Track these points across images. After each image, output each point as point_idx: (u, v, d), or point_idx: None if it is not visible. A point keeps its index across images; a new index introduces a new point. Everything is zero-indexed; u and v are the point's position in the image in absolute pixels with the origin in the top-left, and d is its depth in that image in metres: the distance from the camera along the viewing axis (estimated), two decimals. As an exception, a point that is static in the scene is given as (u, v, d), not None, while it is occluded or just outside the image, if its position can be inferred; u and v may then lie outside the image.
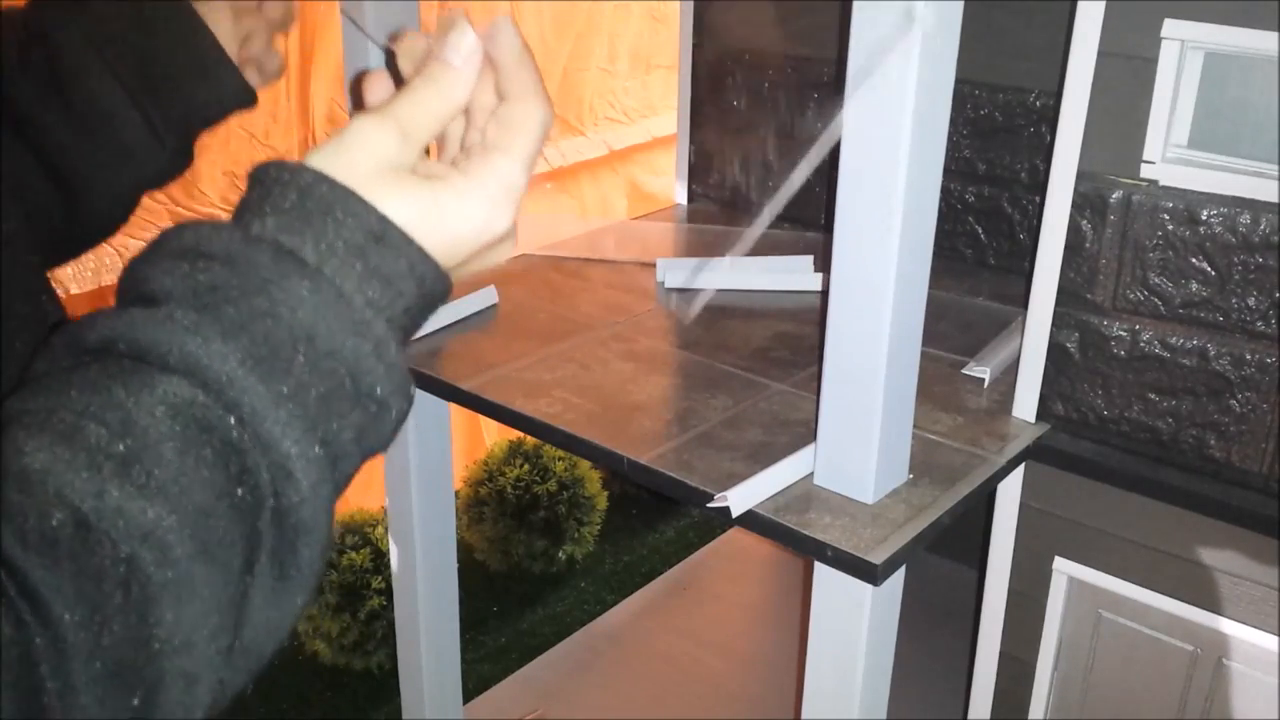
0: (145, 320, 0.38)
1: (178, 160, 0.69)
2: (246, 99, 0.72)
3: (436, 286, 0.43)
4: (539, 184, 2.04)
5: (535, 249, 1.23)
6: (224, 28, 0.69)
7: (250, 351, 0.38)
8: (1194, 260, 0.75)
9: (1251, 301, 0.74)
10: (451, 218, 0.43)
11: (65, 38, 0.62)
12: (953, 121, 0.66)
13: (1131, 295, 0.78)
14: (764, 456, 0.77)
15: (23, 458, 0.34)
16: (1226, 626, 0.78)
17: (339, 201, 0.41)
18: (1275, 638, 0.77)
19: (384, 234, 0.41)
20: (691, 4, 1.34)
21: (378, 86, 0.49)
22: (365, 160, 0.42)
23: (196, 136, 0.71)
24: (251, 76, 0.72)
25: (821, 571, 0.71)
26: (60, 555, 0.33)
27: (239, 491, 0.37)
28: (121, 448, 0.35)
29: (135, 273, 0.40)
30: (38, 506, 0.33)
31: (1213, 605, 0.79)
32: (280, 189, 0.41)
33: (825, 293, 0.70)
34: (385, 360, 0.41)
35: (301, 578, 0.40)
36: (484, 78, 0.45)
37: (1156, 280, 0.77)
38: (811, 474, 0.74)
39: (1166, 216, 0.75)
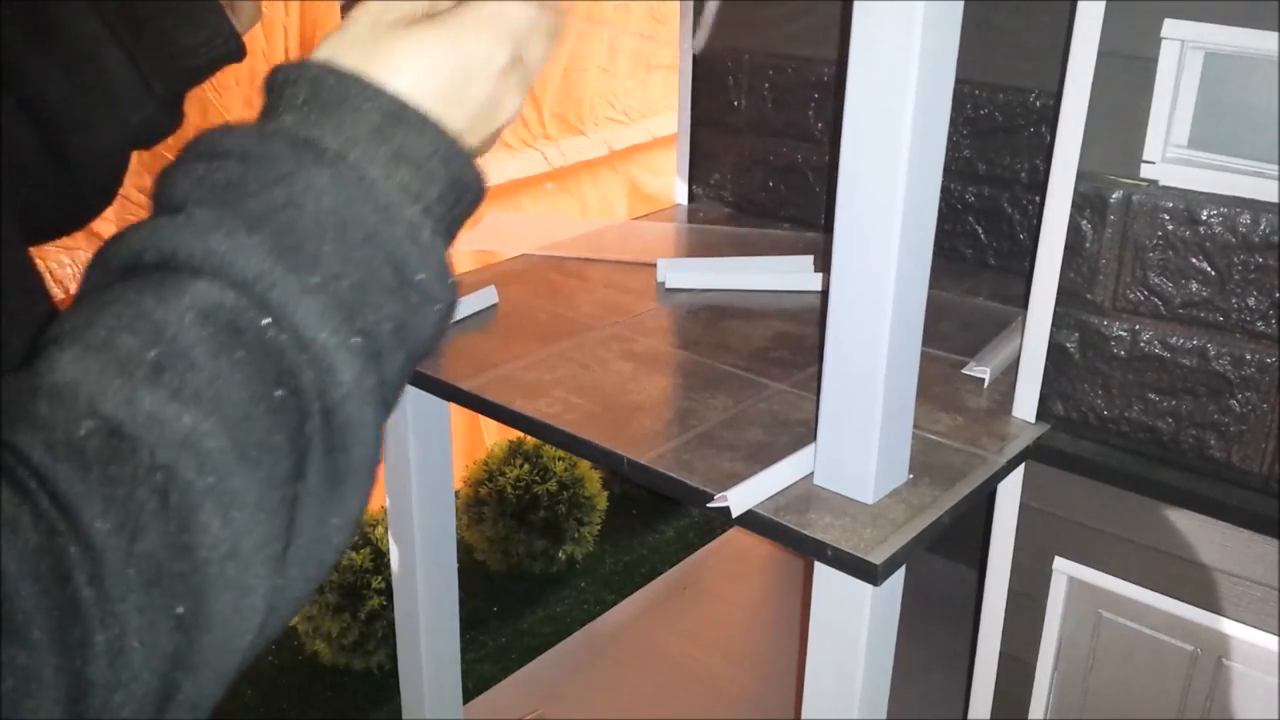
0: (166, 226, 0.37)
1: (166, 113, 0.68)
2: (234, 49, 0.71)
3: (465, 171, 0.42)
4: (539, 184, 2.04)
5: (535, 249, 1.23)
6: None
7: (275, 243, 0.37)
8: (1194, 260, 0.75)
9: (1251, 301, 0.74)
10: (449, 55, 0.42)
11: None
12: (953, 121, 0.67)
13: (1131, 295, 0.78)
14: (764, 456, 0.77)
15: (54, 372, 0.34)
16: (1226, 626, 0.78)
17: (350, 87, 0.40)
18: (1275, 638, 0.77)
19: (402, 114, 0.40)
20: (691, 4, 1.34)
21: None
22: (365, 21, 0.42)
23: (185, 89, 0.70)
24: (245, 12, 0.71)
25: (821, 571, 0.71)
26: (90, 463, 0.32)
27: (279, 393, 0.36)
28: (153, 355, 0.34)
29: (158, 183, 0.39)
30: (68, 416, 0.33)
31: (1213, 605, 0.79)
32: (291, 88, 0.40)
33: (825, 293, 0.70)
34: (420, 244, 0.40)
35: (355, 479, 0.39)
36: None
37: (1156, 280, 0.77)
38: (811, 474, 0.74)
39: (1166, 216, 0.75)
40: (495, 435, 1.88)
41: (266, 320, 0.36)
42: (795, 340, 0.99)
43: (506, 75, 0.44)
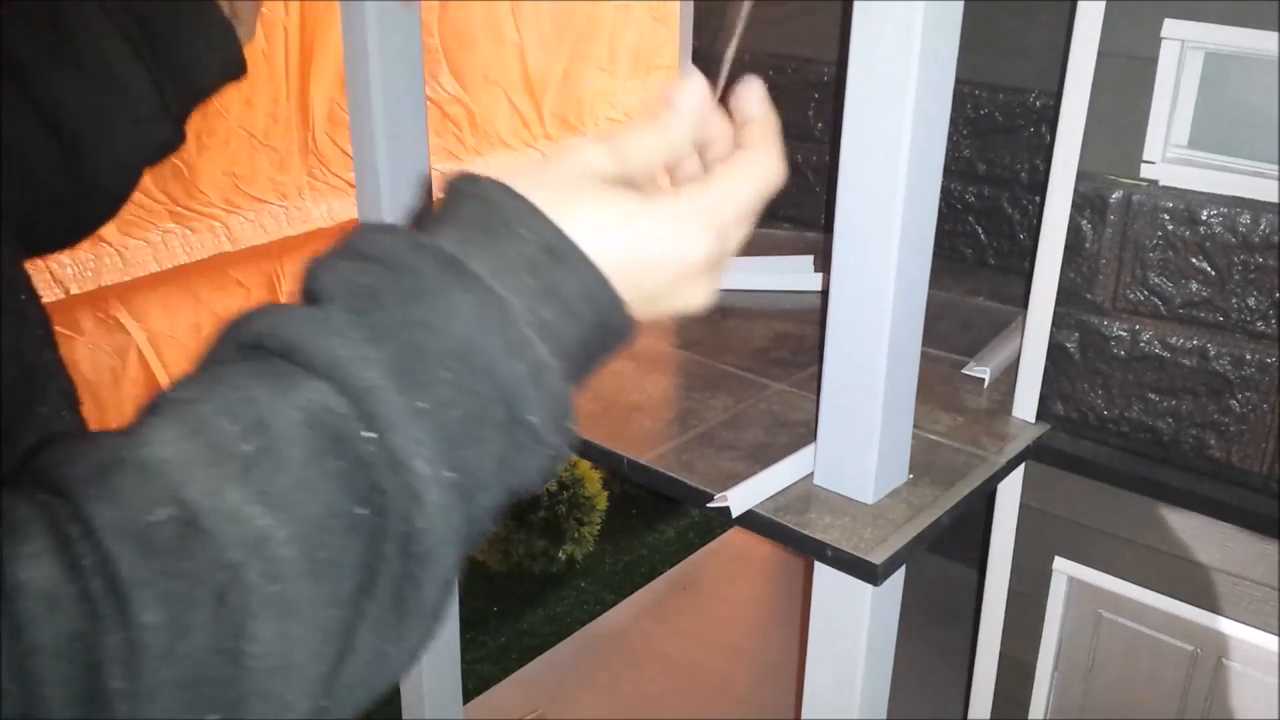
0: (298, 318, 0.36)
1: (178, 132, 0.68)
2: (241, 66, 0.72)
3: (615, 318, 0.41)
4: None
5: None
6: None
7: (396, 361, 0.36)
8: (1194, 260, 0.75)
9: (1251, 301, 0.74)
10: (642, 232, 0.41)
11: (76, 8, 0.61)
12: (953, 121, 0.67)
13: (1131, 295, 0.78)
14: (764, 456, 0.77)
15: (147, 447, 0.33)
16: (1226, 626, 0.78)
17: (518, 213, 0.39)
18: (1275, 638, 0.77)
19: (563, 252, 0.39)
20: (691, 4, 1.34)
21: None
22: (568, 169, 0.41)
23: (194, 107, 0.70)
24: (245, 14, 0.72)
25: (821, 571, 0.71)
26: (156, 551, 0.32)
27: (361, 511, 0.35)
28: (248, 448, 0.34)
29: (307, 271, 0.39)
30: (147, 497, 0.32)
31: (1213, 605, 0.79)
32: (460, 199, 0.40)
33: (825, 293, 0.69)
34: (543, 387, 0.38)
35: (421, 613, 0.37)
36: (723, 129, 0.45)
37: (1156, 280, 0.77)
38: (811, 474, 0.74)
39: (1166, 216, 0.75)
40: (495, 435, 1.88)
41: (369, 435, 0.35)
42: (795, 340, 0.99)
43: (697, 270, 0.43)
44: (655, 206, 0.41)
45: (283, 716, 0.34)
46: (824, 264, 0.94)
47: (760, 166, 0.44)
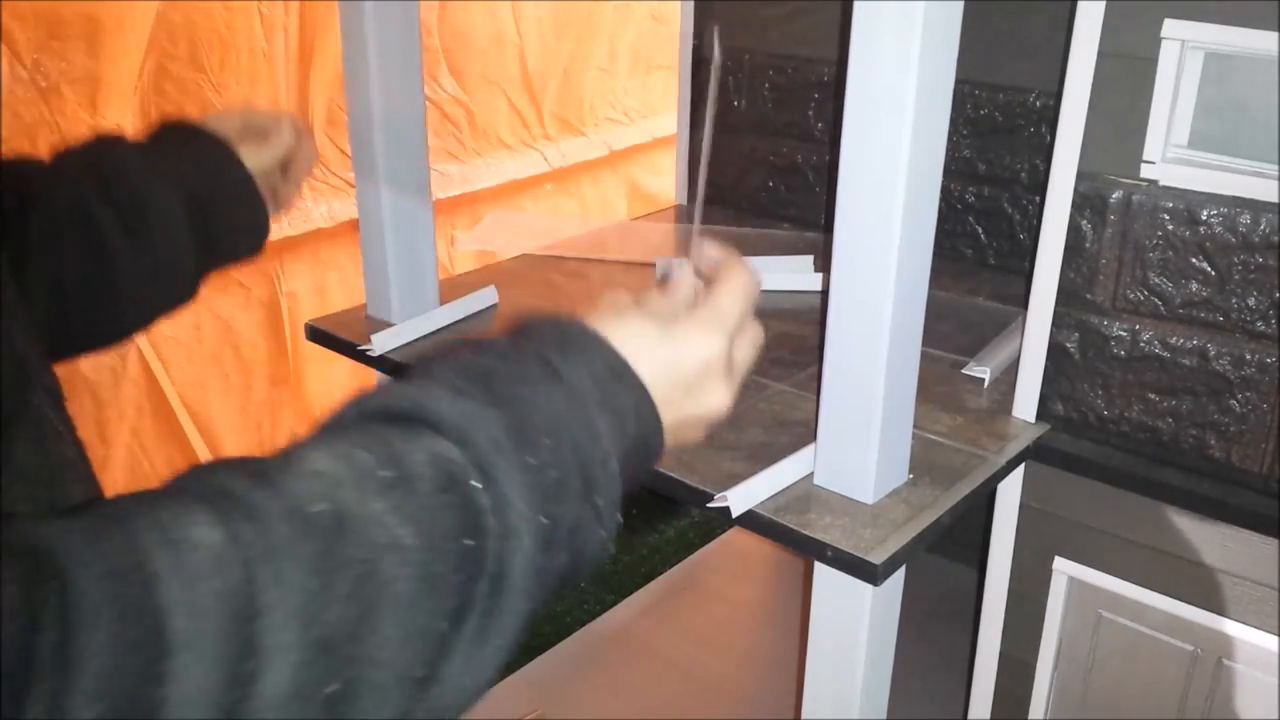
0: (425, 388, 0.45)
1: (196, 291, 0.78)
2: (264, 239, 0.82)
3: (653, 439, 0.51)
4: (539, 184, 2.04)
5: (535, 249, 1.23)
6: (251, 164, 0.78)
7: (509, 423, 0.44)
8: (1194, 260, 0.75)
9: (1251, 301, 0.74)
10: (673, 345, 0.52)
11: (148, 183, 0.71)
12: (953, 121, 0.67)
13: (1131, 295, 0.78)
14: (764, 456, 0.77)
15: (306, 462, 0.40)
16: (1227, 626, 0.78)
17: (588, 339, 0.50)
18: (1275, 638, 0.77)
19: (621, 372, 0.50)
20: (692, 4, 1.34)
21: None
22: (621, 303, 0.54)
23: (214, 271, 0.80)
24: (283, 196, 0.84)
25: (821, 571, 0.71)
26: (310, 535, 0.37)
27: (469, 542, 0.41)
28: (386, 474, 0.40)
29: (431, 357, 0.48)
30: (307, 493, 0.38)
31: (1213, 605, 0.79)
32: (542, 328, 0.50)
33: (825, 293, 0.69)
34: (608, 472, 0.47)
35: (498, 642, 0.43)
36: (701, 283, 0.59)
37: (1156, 280, 0.77)
38: (811, 474, 0.74)
39: (1166, 216, 0.75)
40: (495, 435, 1.87)
41: (477, 483, 0.42)
42: (795, 340, 0.99)
43: (714, 369, 0.54)
44: (677, 325, 0.53)
45: (378, 711, 0.38)
46: (824, 264, 0.94)
47: (739, 281, 0.58)
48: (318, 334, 0.99)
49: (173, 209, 0.72)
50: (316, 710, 0.36)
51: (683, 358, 0.52)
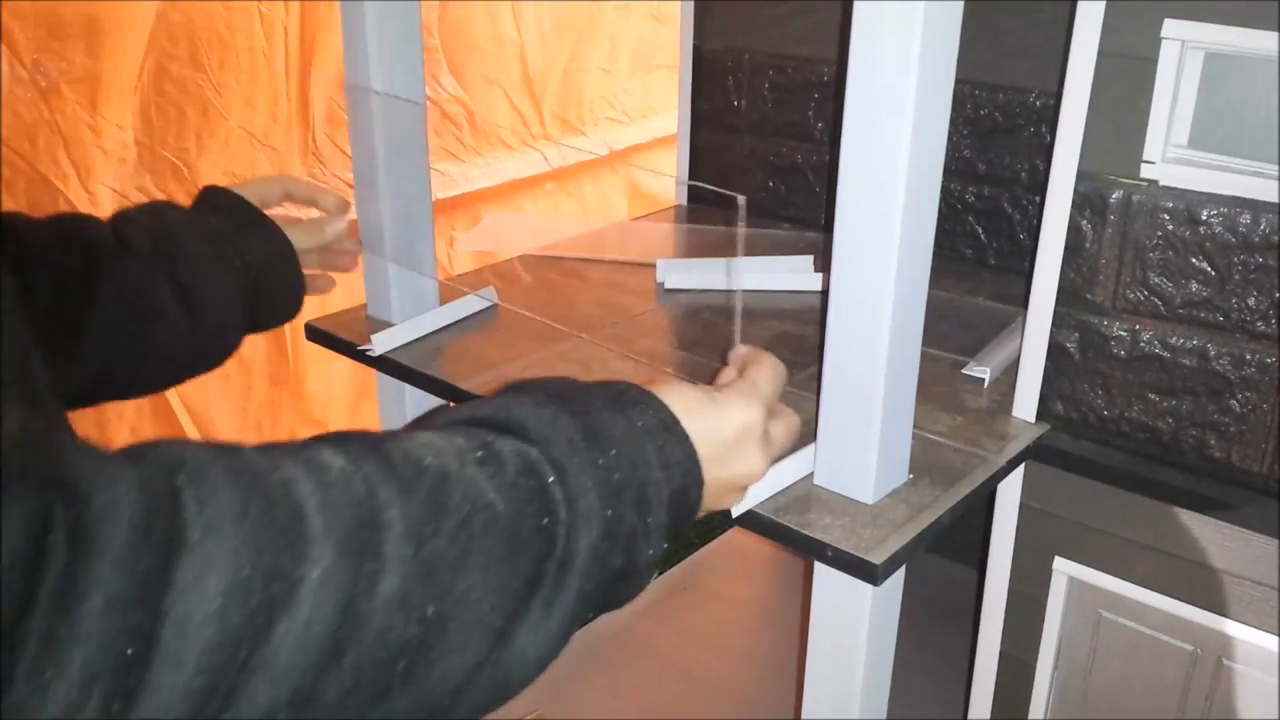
0: (509, 400, 0.52)
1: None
2: (295, 314, 0.89)
3: (691, 494, 0.55)
4: (539, 184, 2.04)
5: (535, 249, 1.23)
6: (295, 240, 0.85)
7: (583, 432, 0.50)
8: (1194, 260, 0.75)
9: (1252, 301, 0.74)
10: (716, 408, 0.58)
11: (211, 268, 0.77)
12: (953, 121, 0.66)
13: (1131, 295, 0.78)
14: (764, 456, 0.77)
15: (414, 440, 0.46)
16: (1227, 626, 0.78)
17: (642, 395, 0.56)
18: (1276, 638, 0.76)
19: (671, 426, 0.55)
20: (692, 4, 1.34)
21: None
22: (660, 381, 0.59)
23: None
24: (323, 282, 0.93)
25: (821, 571, 0.71)
26: (422, 476, 0.43)
27: (546, 520, 0.47)
28: (479, 454, 0.47)
29: (510, 386, 0.55)
30: (413, 455, 0.44)
31: (1213, 605, 0.79)
32: (599, 386, 0.56)
33: (825, 293, 0.69)
34: (660, 499, 0.52)
35: (561, 619, 0.48)
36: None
37: (1156, 280, 0.77)
38: (811, 474, 0.74)
39: (1166, 216, 0.75)
40: (495, 435, 1.87)
41: (552, 478, 0.48)
42: (795, 340, 0.99)
43: (752, 436, 0.59)
44: (719, 393, 0.60)
45: (445, 679, 0.43)
46: (824, 264, 0.94)
47: (772, 363, 0.66)
48: (317, 334, 0.99)
49: (230, 291, 0.78)
50: (415, 628, 0.40)
51: (724, 423, 0.58)
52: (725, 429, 0.58)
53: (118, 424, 1.49)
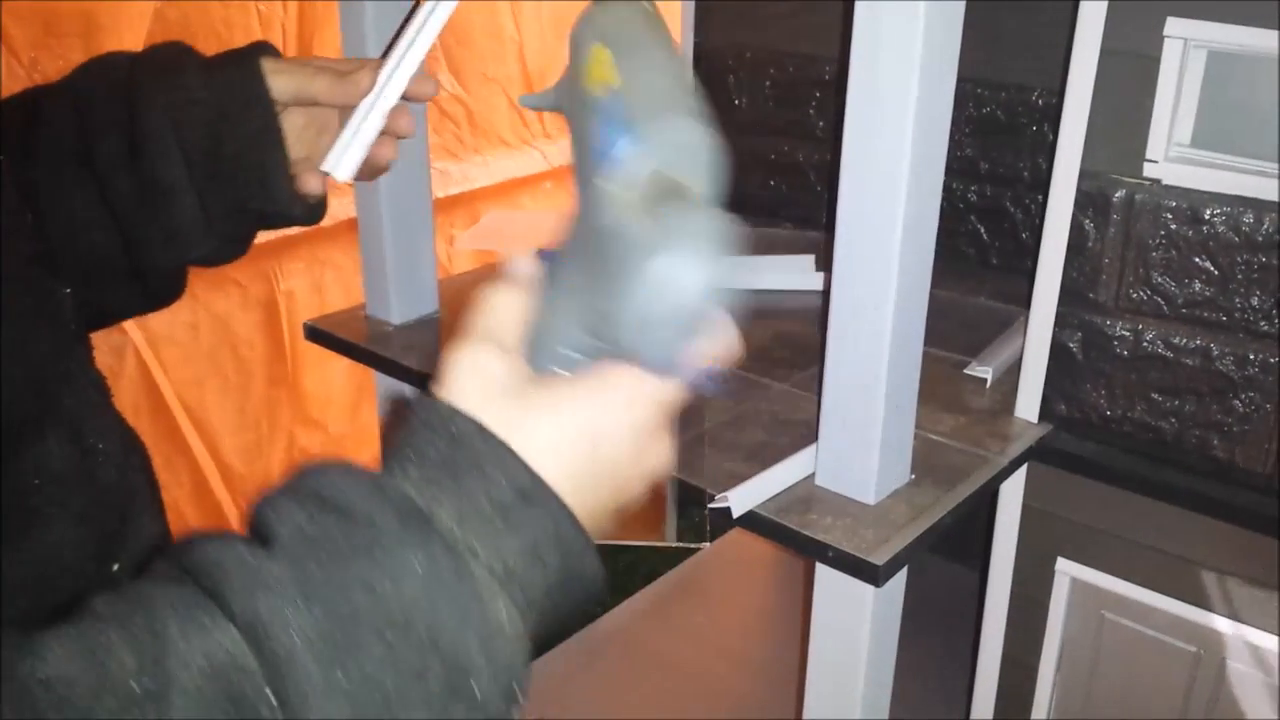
0: (234, 561, 0.35)
1: (229, 246, 0.73)
2: (309, 214, 0.76)
3: (584, 565, 0.41)
4: (539, 183, 2.04)
5: (535, 249, 1.22)
6: (297, 125, 0.72)
7: (323, 628, 0.34)
8: (1197, 259, 0.75)
9: (1254, 301, 0.74)
10: (595, 423, 0.42)
11: (149, 115, 0.65)
12: (955, 120, 0.66)
13: (1134, 295, 0.78)
14: (765, 457, 0.77)
15: (46, 665, 0.32)
16: (1229, 627, 0.78)
17: (489, 454, 0.38)
18: (1278, 639, 0.76)
19: (534, 493, 0.38)
20: (692, 4, 1.34)
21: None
22: (483, 385, 0.41)
23: (253, 230, 0.74)
24: (313, 180, 0.73)
25: (823, 572, 0.71)
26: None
27: None
28: (138, 689, 0.32)
29: (259, 505, 0.37)
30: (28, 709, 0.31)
31: (1216, 606, 0.79)
32: (430, 434, 0.38)
33: (826, 292, 0.69)
34: (493, 657, 0.36)
35: None
36: None
37: (1159, 280, 0.77)
38: (813, 474, 0.74)
39: (1169, 216, 0.75)
40: (495, 435, 1.87)
41: (271, 699, 0.33)
42: (796, 340, 0.99)
43: (643, 435, 0.44)
44: (594, 395, 0.42)
45: None
46: (825, 263, 0.94)
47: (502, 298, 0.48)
48: (316, 334, 0.99)
49: (167, 147, 0.65)
50: None
51: (614, 432, 0.42)
52: (614, 449, 0.43)
53: (116, 424, 1.49)
